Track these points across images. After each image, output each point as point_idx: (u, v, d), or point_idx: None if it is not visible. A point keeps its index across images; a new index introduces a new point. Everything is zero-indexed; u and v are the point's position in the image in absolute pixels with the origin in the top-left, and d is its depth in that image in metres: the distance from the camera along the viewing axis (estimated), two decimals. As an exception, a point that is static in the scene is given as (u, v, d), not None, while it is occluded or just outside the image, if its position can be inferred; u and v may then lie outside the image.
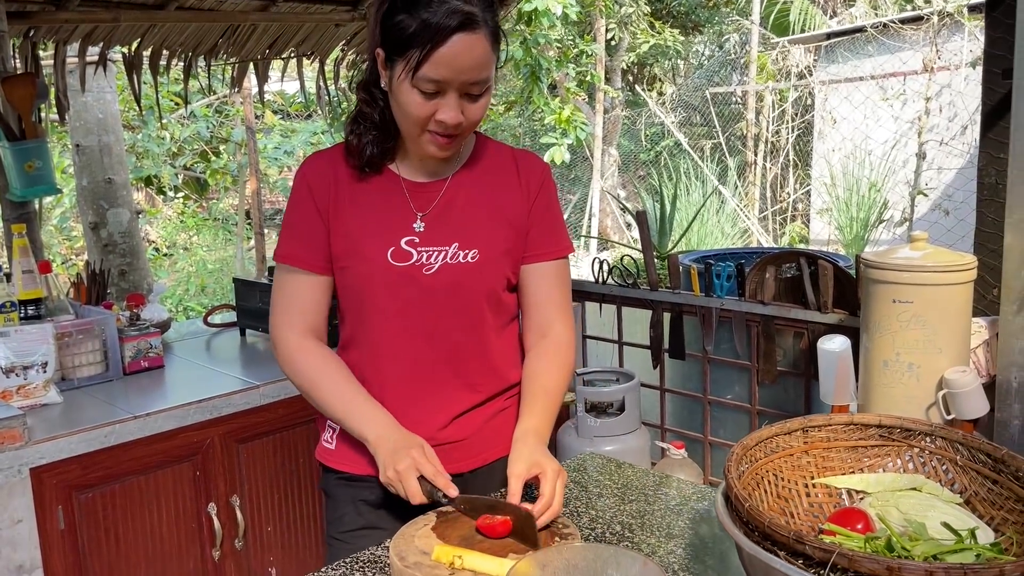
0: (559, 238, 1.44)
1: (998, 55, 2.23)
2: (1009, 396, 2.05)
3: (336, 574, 1.16)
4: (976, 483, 1.07)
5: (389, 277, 1.32)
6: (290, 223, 1.38)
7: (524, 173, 1.42)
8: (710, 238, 6.98)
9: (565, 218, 1.78)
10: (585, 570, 0.99)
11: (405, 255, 1.32)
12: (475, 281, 1.35)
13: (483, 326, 1.38)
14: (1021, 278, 2.01)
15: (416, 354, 1.35)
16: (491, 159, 1.42)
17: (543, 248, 1.42)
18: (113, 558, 1.95)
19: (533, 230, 1.41)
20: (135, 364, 2.30)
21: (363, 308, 1.35)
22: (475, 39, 1.19)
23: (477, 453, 1.41)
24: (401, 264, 1.32)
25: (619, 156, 9.68)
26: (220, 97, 8.08)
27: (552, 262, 1.43)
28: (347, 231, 1.34)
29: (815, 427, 1.15)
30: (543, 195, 1.42)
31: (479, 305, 1.36)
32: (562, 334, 1.43)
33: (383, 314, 1.34)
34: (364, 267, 1.33)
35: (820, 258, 2.51)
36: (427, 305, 1.33)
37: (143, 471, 1.98)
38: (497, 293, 1.38)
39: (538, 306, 1.43)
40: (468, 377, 1.39)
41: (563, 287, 1.45)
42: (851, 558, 0.83)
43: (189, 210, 9.17)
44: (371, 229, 1.33)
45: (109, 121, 5.18)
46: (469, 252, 1.34)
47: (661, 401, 3.02)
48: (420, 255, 1.32)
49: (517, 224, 1.39)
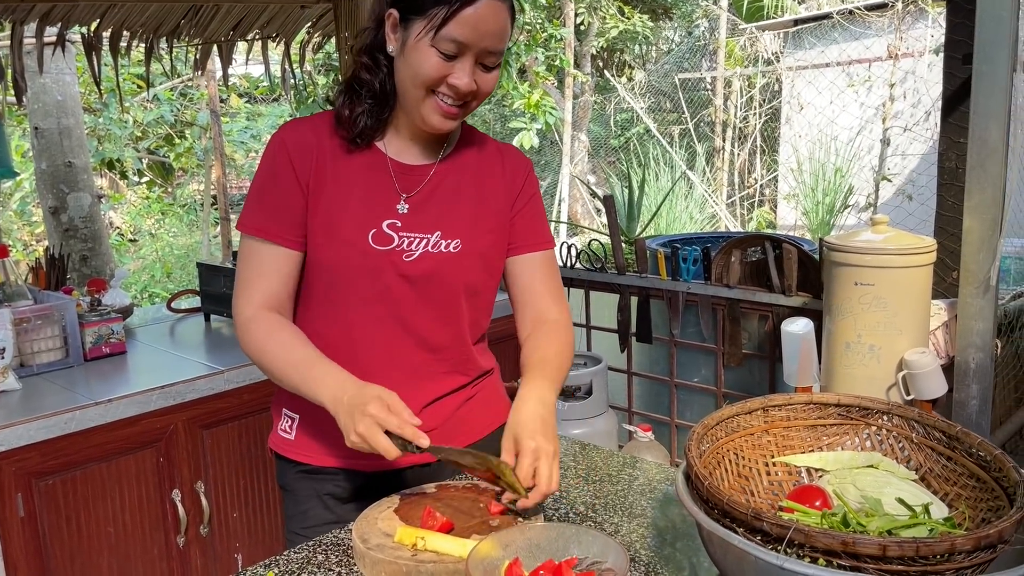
0: (545, 230, 1.43)
1: (958, 40, 2.26)
2: (967, 377, 2.10)
3: (298, 557, 1.15)
4: (931, 460, 1.09)
5: (368, 260, 1.27)
6: (262, 192, 1.29)
7: (509, 166, 1.40)
8: (678, 223, 7.02)
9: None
10: (547, 549, 0.99)
11: (386, 239, 1.28)
12: (455, 272, 1.32)
13: (459, 318, 1.36)
14: (980, 261, 2.05)
15: (390, 340, 1.32)
16: (477, 149, 1.40)
17: (530, 239, 1.40)
18: (75, 545, 1.92)
19: (518, 223, 1.39)
20: (96, 350, 2.26)
21: (337, 290, 1.29)
22: (500, 6, 1.19)
23: (449, 440, 1.40)
24: (382, 248, 1.27)
25: (588, 142, 9.69)
26: (184, 80, 7.93)
27: (540, 252, 1.41)
28: (327, 207, 1.27)
29: (775, 406, 1.17)
30: (527, 189, 1.41)
31: (456, 296, 1.34)
32: (558, 317, 1.40)
33: (358, 297, 1.29)
34: (343, 248, 1.27)
35: (785, 241, 2.53)
36: (404, 292, 1.30)
37: (105, 458, 1.95)
38: (475, 285, 1.35)
39: (531, 297, 1.40)
40: (442, 365, 1.37)
41: (554, 276, 1.43)
42: (807, 533, 0.85)
43: (154, 195, 9.02)
44: (353, 208, 1.28)
45: (69, 103, 5.07)
46: (451, 242, 1.31)
47: (628, 384, 3.05)
48: (402, 240, 1.28)
49: (501, 217, 1.37)
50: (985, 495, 0.99)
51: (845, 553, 0.84)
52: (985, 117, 2.01)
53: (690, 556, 1.14)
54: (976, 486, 1.01)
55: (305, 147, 1.28)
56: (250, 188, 1.31)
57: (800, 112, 7.53)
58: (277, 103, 9.16)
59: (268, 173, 1.29)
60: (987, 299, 2.06)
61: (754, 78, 8.12)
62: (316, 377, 1.21)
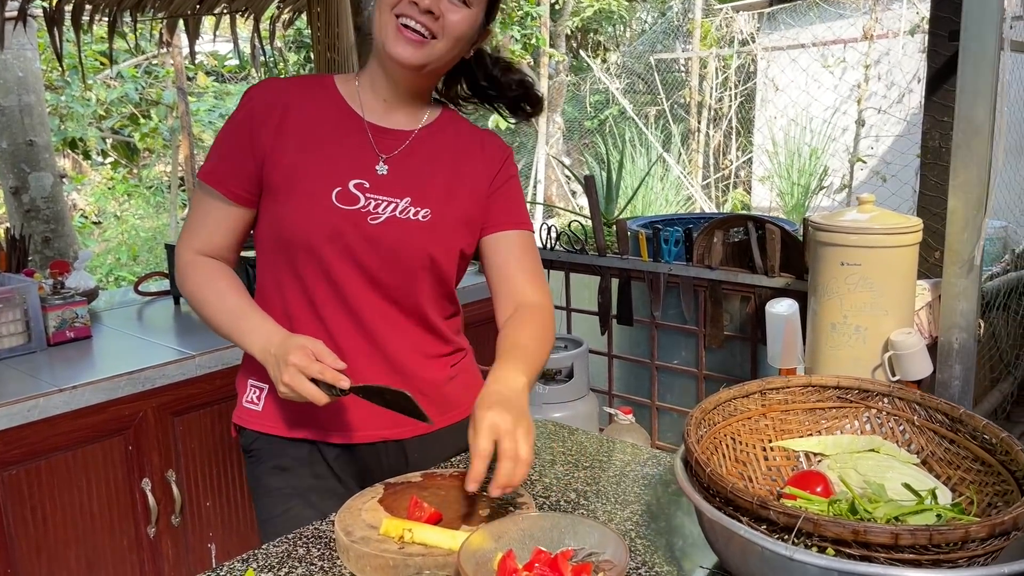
0: (522, 213, 1.39)
1: (944, 17, 2.23)
2: (950, 357, 2.09)
3: (278, 551, 1.10)
4: (933, 443, 1.06)
5: (330, 219, 1.23)
6: (222, 141, 1.29)
7: (488, 149, 1.37)
8: (654, 205, 7.00)
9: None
10: (542, 540, 0.95)
11: (351, 198, 1.24)
12: (420, 242, 1.27)
13: (420, 293, 1.30)
14: (964, 241, 2.04)
15: (357, 299, 1.27)
16: (457, 128, 1.37)
17: (508, 218, 1.35)
18: (41, 537, 1.85)
19: (496, 202, 1.35)
20: (60, 335, 2.18)
21: (298, 247, 1.24)
22: None
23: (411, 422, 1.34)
24: (346, 207, 1.23)
25: (563, 123, 9.62)
26: (149, 57, 7.73)
27: (518, 231, 1.36)
28: (290, 163, 1.24)
29: (773, 389, 1.13)
30: (505, 171, 1.37)
31: (419, 270, 1.28)
32: (537, 300, 1.34)
33: (320, 256, 1.24)
34: (304, 204, 1.23)
35: (768, 222, 2.51)
36: (368, 256, 1.25)
37: (71, 447, 1.88)
38: (439, 263, 1.30)
39: (507, 277, 1.34)
40: (407, 340, 1.32)
41: (532, 257, 1.38)
42: (816, 522, 0.81)
43: (119, 176, 8.79)
44: (318, 165, 1.24)
45: (30, 80, 4.90)
46: (421, 211, 1.27)
47: (609, 367, 3.02)
48: (368, 202, 1.24)
49: (476, 194, 1.33)
50: (991, 479, 0.97)
51: (856, 542, 0.80)
52: (971, 95, 1.99)
53: (687, 545, 1.10)
54: (981, 470, 0.99)
55: (269, 104, 1.26)
56: (216, 137, 1.31)
57: (776, 93, 7.53)
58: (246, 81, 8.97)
59: (230, 126, 1.29)
60: (971, 279, 2.05)
61: (729, 59, 8.10)
62: (247, 328, 1.22)
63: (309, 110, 1.27)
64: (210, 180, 1.27)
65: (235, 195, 1.27)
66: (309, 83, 1.32)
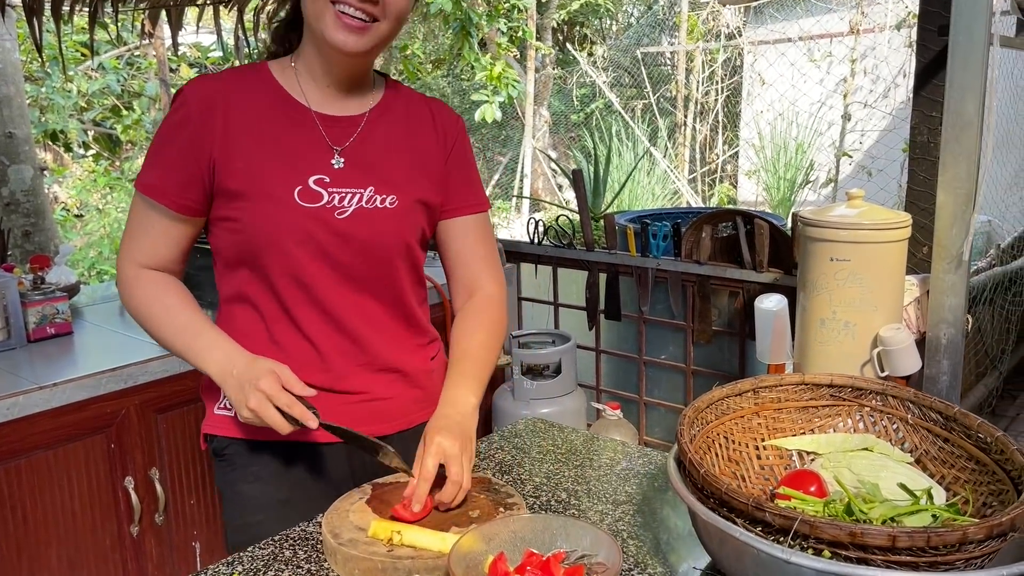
0: (478, 192, 1.35)
1: (933, 12, 2.23)
2: (938, 352, 2.09)
3: (264, 554, 1.08)
4: (927, 442, 1.05)
5: (296, 219, 1.17)
6: (159, 149, 1.19)
7: (440, 122, 1.32)
8: (641, 199, 7.00)
9: (496, 178, 1.68)
10: (533, 542, 0.93)
11: (314, 195, 1.18)
12: (391, 230, 1.23)
13: (397, 282, 1.27)
14: (952, 236, 2.04)
15: (333, 300, 1.23)
16: (406, 103, 1.31)
17: (464, 201, 1.32)
18: (22, 537, 1.82)
19: (452, 183, 1.31)
20: (40, 331, 2.14)
21: (267, 254, 1.18)
22: None
23: (403, 415, 1.32)
24: (310, 205, 1.17)
25: (550, 117, 9.59)
26: (131, 48, 7.63)
27: (474, 216, 1.33)
28: (246, 166, 1.17)
29: (766, 387, 1.12)
30: (459, 146, 1.33)
31: (394, 258, 1.25)
32: (490, 290, 1.33)
33: (290, 261, 1.18)
34: (267, 207, 1.16)
35: (756, 217, 2.50)
36: (339, 253, 1.20)
37: (52, 445, 1.84)
38: (412, 247, 1.27)
39: (464, 263, 1.33)
40: (388, 333, 1.28)
41: (488, 241, 1.36)
42: (813, 524, 0.80)
43: (101, 168, 8.69)
44: (276, 165, 1.17)
45: (9, 71, 4.82)
46: (387, 197, 1.22)
47: (597, 362, 3.01)
48: (332, 196, 1.19)
49: (434, 173, 1.29)
50: (985, 478, 0.96)
51: (852, 544, 0.79)
52: (961, 90, 1.99)
53: (680, 545, 1.09)
54: (976, 469, 0.98)
55: (209, 106, 1.17)
56: (151, 144, 1.21)
57: (762, 87, 7.53)
58: (230, 74, 8.86)
59: (167, 132, 1.19)
60: (959, 274, 2.05)
61: (715, 53, 8.10)
62: (203, 346, 1.18)
63: (252, 106, 1.19)
64: (153, 194, 1.18)
65: (182, 207, 1.19)
66: (244, 74, 1.23)
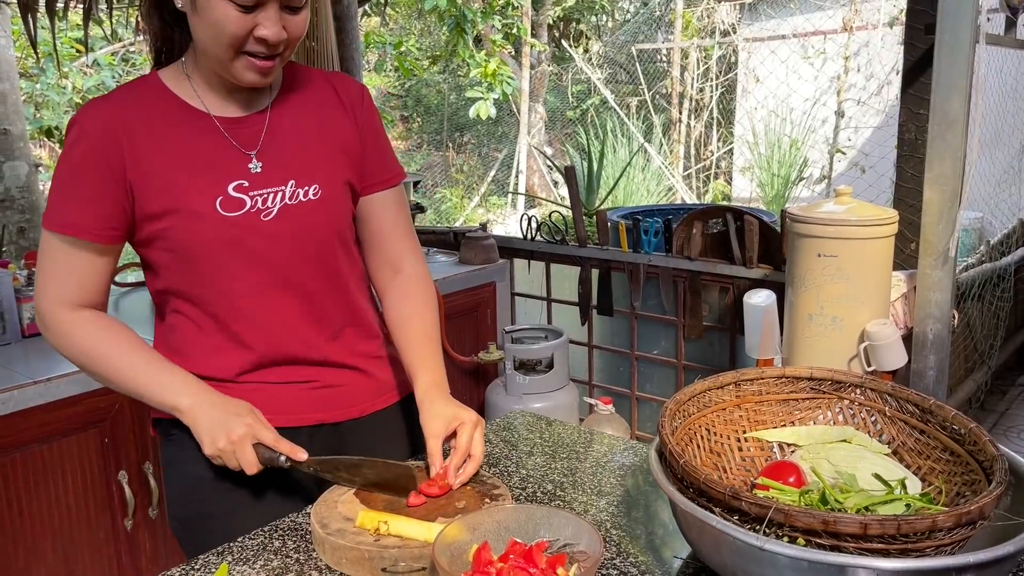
0: (393, 163, 1.34)
1: (920, 10, 2.25)
2: (925, 348, 2.11)
3: (253, 544, 1.09)
4: (904, 433, 1.07)
5: (223, 231, 1.14)
6: (67, 186, 1.13)
7: (344, 95, 1.29)
8: (635, 196, 7.02)
9: (492, 174, 1.68)
10: (517, 532, 0.95)
11: (236, 203, 1.15)
12: (322, 221, 1.22)
13: (339, 272, 1.26)
14: (939, 232, 2.06)
15: (274, 309, 1.21)
16: (306, 84, 1.27)
17: (381, 175, 1.31)
18: (16, 530, 1.84)
19: (368, 157, 1.29)
20: (34, 326, 2.15)
21: (200, 270, 1.16)
22: None
23: (356, 403, 1.31)
24: (233, 214, 1.15)
25: (545, 113, 9.61)
26: (125, 44, 7.63)
27: (391, 190, 1.32)
28: (164, 186, 1.13)
29: (747, 380, 1.14)
30: (369, 119, 1.30)
31: (331, 247, 1.24)
32: (419, 269, 1.33)
33: (226, 272, 1.16)
34: (192, 223, 1.13)
35: (746, 213, 2.52)
36: (274, 254, 1.18)
37: (46, 439, 1.86)
38: (345, 233, 1.26)
39: (385, 239, 1.32)
40: (333, 326, 1.27)
41: (405, 214, 1.35)
42: (787, 513, 0.82)
43: (96, 165, 8.68)
44: (192, 179, 1.14)
45: (4, 67, 4.81)
46: (309, 189, 1.20)
47: (589, 357, 3.03)
48: (254, 200, 1.16)
49: (351, 152, 1.27)
50: (959, 468, 0.98)
51: (825, 532, 0.81)
52: (947, 88, 2.01)
53: (662, 535, 1.11)
54: (950, 460, 1.00)
55: (109, 129, 1.12)
56: (52, 181, 1.15)
57: (756, 84, 7.55)
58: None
59: (71, 167, 1.13)
60: (946, 270, 2.08)
61: (710, 50, 8.11)
62: (168, 381, 1.16)
63: (153, 122, 1.15)
64: (74, 231, 1.13)
65: (108, 238, 1.14)
66: (137, 89, 1.18)
